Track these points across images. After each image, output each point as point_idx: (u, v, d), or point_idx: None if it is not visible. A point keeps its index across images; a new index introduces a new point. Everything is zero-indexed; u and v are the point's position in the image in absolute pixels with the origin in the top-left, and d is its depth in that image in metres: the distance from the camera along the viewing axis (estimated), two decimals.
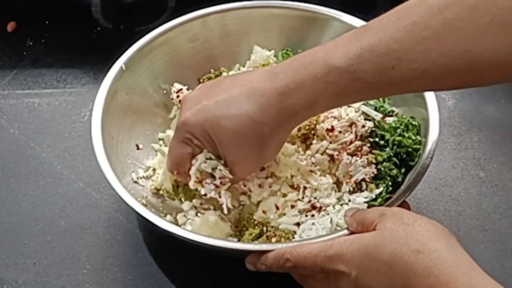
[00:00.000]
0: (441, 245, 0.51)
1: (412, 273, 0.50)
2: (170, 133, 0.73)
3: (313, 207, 0.65)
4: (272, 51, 0.79)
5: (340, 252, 0.54)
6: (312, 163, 0.67)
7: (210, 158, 0.62)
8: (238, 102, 0.59)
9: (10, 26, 0.97)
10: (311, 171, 0.67)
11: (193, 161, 0.63)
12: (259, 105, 0.58)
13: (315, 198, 0.65)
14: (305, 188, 0.66)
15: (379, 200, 0.66)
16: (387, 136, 0.68)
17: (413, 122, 0.69)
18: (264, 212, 0.65)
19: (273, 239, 0.63)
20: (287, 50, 0.79)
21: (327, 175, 0.67)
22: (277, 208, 0.65)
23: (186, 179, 0.64)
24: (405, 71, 0.53)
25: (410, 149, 0.67)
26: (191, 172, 0.63)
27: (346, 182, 0.66)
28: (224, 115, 0.59)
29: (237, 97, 0.59)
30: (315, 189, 0.66)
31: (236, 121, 0.59)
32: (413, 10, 0.52)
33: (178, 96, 0.74)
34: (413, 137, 0.67)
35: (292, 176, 0.67)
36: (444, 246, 0.51)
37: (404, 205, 0.61)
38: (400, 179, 0.67)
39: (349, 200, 0.66)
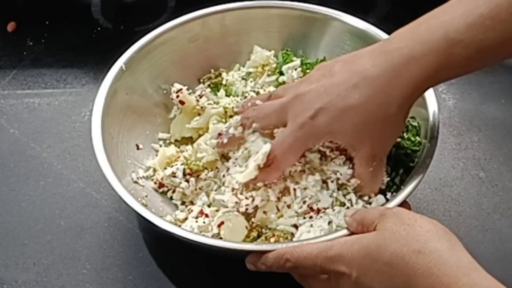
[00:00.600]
0: (442, 245, 0.51)
1: (413, 274, 0.50)
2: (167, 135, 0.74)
3: (311, 209, 0.65)
4: (272, 51, 0.79)
5: (340, 253, 0.54)
6: (304, 162, 0.67)
7: None
8: (358, 92, 0.59)
9: (10, 26, 0.97)
10: (302, 171, 0.66)
11: None
12: (381, 87, 0.58)
13: (309, 198, 0.65)
14: (294, 189, 0.65)
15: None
16: None
17: (413, 123, 0.69)
18: (265, 212, 0.65)
19: (272, 239, 0.63)
20: (287, 50, 0.79)
21: (316, 174, 0.66)
22: (278, 209, 0.65)
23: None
24: None
25: (409, 151, 0.67)
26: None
27: (332, 181, 0.66)
28: (348, 107, 0.59)
29: (356, 87, 0.59)
30: (305, 188, 0.65)
31: (362, 110, 0.59)
32: None
33: (178, 96, 0.74)
34: (412, 138, 0.67)
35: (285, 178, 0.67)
36: (445, 246, 0.51)
37: (405, 205, 0.61)
38: (393, 183, 0.66)
39: (351, 203, 0.66)
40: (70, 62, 0.92)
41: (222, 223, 0.64)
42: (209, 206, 0.68)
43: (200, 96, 0.77)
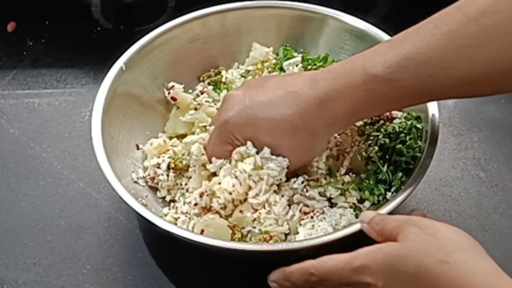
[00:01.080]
0: (467, 255, 0.50)
1: (438, 284, 0.49)
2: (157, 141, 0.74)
3: (305, 213, 0.65)
4: (271, 48, 0.79)
5: (365, 264, 0.53)
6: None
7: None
8: (280, 106, 0.61)
9: (10, 26, 0.97)
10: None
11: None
12: (300, 111, 0.60)
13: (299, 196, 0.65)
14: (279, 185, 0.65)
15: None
16: (387, 142, 0.68)
17: (418, 125, 0.68)
18: (241, 211, 0.65)
19: (271, 241, 0.63)
20: (286, 46, 0.79)
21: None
22: (255, 210, 0.65)
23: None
24: (443, 78, 0.54)
25: (409, 158, 0.66)
26: (233, 153, 0.64)
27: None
28: (265, 118, 0.61)
29: (279, 101, 0.61)
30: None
31: (276, 126, 0.61)
32: (449, 18, 0.53)
33: (169, 93, 0.75)
34: (414, 145, 0.66)
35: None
36: (470, 256, 0.50)
37: (419, 213, 0.60)
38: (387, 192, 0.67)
39: (355, 205, 0.66)
40: (70, 62, 0.92)
41: (203, 230, 0.63)
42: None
43: (202, 93, 0.77)
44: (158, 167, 0.70)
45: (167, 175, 0.69)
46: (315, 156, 0.66)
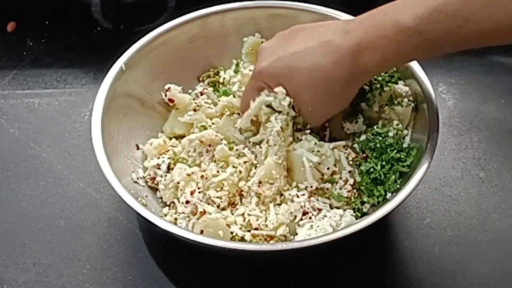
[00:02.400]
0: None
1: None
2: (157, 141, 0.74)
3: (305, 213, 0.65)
4: (263, 40, 0.79)
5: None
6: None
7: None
8: (312, 56, 0.62)
9: (10, 26, 0.97)
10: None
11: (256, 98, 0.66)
12: (333, 61, 0.62)
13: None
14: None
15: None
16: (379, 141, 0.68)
17: (412, 146, 0.68)
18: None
19: (271, 241, 0.63)
20: None
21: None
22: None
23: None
24: (472, 30, 0.55)
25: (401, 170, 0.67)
26: (252, 105, 0.66)
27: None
28: (298, 68, 0.63)
29: (312, 51, 0.63)
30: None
31: (309, 75, 0.63)
32: None
33: (166, 95, 0.75)
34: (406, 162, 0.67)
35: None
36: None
37: None
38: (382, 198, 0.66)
39: (360, 207, 0.66)
40: (70, 62, 0.92)
41: (202, 231, 0.63)
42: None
43: (201, 94, 0.77)
44: (158, 168, 0.70)
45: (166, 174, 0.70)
46: (346, 105, 0.67)
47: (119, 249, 0.71)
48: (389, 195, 0.65)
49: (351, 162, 0.68)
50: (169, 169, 0.70)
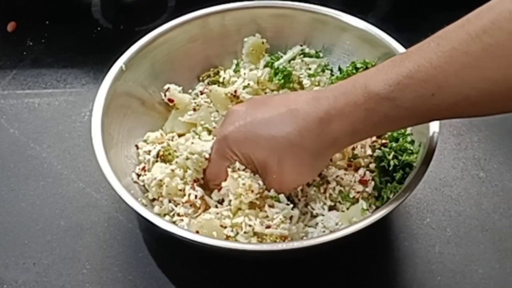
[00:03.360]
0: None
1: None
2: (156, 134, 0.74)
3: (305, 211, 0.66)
4: (265, 39, 0.79)
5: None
6: None
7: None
8: (279, 123, 0.60)
9: (10, 26, 0.97)
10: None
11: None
12: (299, 129, 0.59)
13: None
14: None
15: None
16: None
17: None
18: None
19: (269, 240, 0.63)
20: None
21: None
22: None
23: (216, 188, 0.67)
24: (445, 97, 0.52)
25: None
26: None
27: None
28: (264, 135, 0.61)
29: (280, 119, 0.60)
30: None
31: (275, 143, 0.60)
32: (452, 36, 0.52)
33: (166, 95, 0.75)
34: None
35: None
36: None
37: None
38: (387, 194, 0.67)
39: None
40: (70, 62, 0.92)
41: (198, 231, 0.63)
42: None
43: (201, 93, 0.77)
44: (148, 154, 0.70)
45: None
46: (315, 176, 0.65)
47: (119, 249, 0.71)
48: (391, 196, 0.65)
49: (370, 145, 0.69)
50: (158, 156, 0.70)
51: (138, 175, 0.70)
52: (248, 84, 0.75)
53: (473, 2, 0.53)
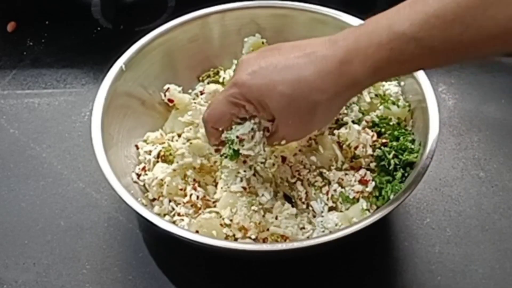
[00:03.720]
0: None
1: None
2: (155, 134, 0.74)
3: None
4: (265, 40, 0.79)
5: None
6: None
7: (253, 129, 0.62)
8: (297, 67, 0.58)
9: (10, 26, 0.97)
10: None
11: (238, 126, 0.62)
12: (318, 71, 0.57)
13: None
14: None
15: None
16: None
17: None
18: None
19: (269, 239, 0.63)
20: None
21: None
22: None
23: (213, 136, 0.64)
24: (473, 36, 0.52)
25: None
26: (224, 133, 0.63)
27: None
28: (281, 80, 0.58)
29: (296, 62, 0.58)
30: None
31: (293, 87, 0.58)
32: None
33: (165, 96, 0.75)
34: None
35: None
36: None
37: None
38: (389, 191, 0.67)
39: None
40: (70, 62, 0.92)
41: (197, 231, 0.63)
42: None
43: (201, 93, 0.77)
44: (149, 154, 0.70)
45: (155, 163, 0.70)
46: (332, 120, 0.63)
47: (119, 249, 0.71)
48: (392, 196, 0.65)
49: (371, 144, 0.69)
50: (158, 156, 0.70)
51: (138, 175, 0.70)
52: None
53: None
